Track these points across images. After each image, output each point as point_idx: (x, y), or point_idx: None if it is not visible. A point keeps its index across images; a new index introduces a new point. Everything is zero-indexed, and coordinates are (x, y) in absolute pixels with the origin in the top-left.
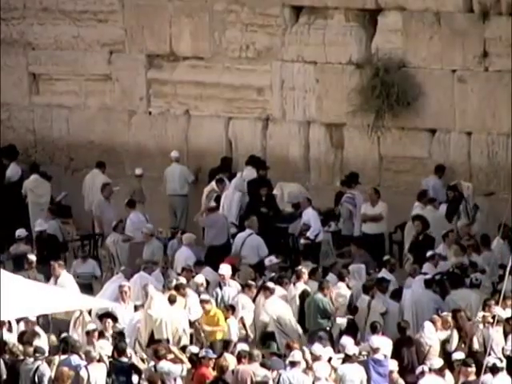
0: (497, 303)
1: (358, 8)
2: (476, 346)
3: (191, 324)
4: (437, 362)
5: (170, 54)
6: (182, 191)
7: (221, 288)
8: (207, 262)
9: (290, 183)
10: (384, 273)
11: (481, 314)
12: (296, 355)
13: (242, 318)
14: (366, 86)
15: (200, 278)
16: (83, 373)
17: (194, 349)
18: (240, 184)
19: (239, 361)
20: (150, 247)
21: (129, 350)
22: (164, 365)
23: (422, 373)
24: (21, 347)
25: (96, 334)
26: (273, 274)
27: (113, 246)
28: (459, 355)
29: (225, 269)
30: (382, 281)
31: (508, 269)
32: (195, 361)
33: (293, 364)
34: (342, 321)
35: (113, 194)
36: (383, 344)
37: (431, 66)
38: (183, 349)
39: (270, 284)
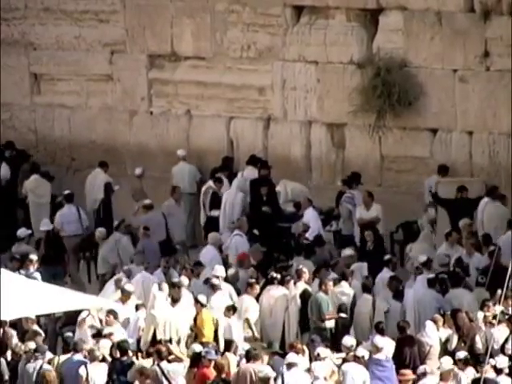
0: (498, 302)
1: (360, 8)
2: (479, 345)
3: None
4: (447, 361)
5: (172, 54)
6: (191, 189)
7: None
8: None
9: (293, 182)
10: (386, 272)
11: (481, 314)
12: (292, 357)
13: (247, 319)
14: (367, 86)
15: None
16: (82, 371)
17: (197, 347)
18: (242, 184)
19: (248, 360)
20: (103, 250)
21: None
22: (168, 364)
23: (424, 373)
24: (23, 347)
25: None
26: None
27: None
28: (462, 355)
29: (219, 270)
30: (394, 279)
31: (510, 268)
32: (197, 360)
33: (289, 365)
34: (330, 323)
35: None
36: (386, 344)
37: (432, 65)
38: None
39: (216, 281)
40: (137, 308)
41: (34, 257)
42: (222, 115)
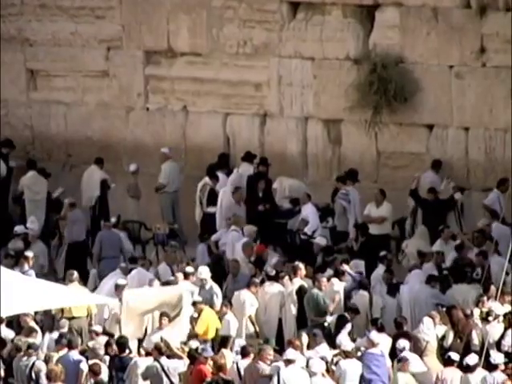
0: (495, 298)
1: (356, 4)
2: (476, 342)
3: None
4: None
5: (168, 50)
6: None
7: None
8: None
9: (291, 178)
10: (381, 269)
11: (477, 310)
12: (291, 353)
13: (250, 316)
14: (363, 82)
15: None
16: (83, 366)
17: (195, 343)
18: (238, 180)
19: (244, 356)
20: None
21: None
22: (167, 361)
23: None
24: (23, 339)
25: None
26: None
27: None
28: (455, 356)
29: (204, 272)
30: (386, 272)
31: (506, 263)
32: (194, 356)
33: (288, 362)
34: (331, 319)
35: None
36: (382, 340)
37: (428, 61)
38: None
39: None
40: None
41: (29, 254)
42: (218, 111)
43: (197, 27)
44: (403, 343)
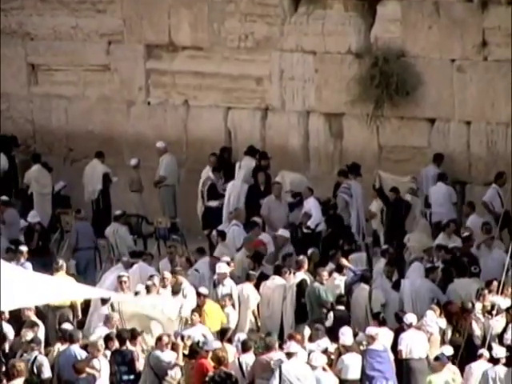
0: (497, 292)
1: None
2: (477, 333)
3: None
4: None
5: (169, 44)
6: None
7: (215, 286)
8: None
9: (292, 172)
10: (382, 262)
11: (479, 304)
12: (292, 346)
13: (253, 311)
14: (365, 76)
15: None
16: (96, 363)
17: (195, 339)
18: (247, 176)
19: (245, 351)
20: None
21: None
22: (158, 352)
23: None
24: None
25: None
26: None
27: (112, 236)
28: (448, 351)
29: (223, 267)
30: (387, 265)
31: (508, 257)
32: (196, 351)
33: (289, 355)
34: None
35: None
36: (383, 334)
37: (430, 55)
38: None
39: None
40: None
41: (23, 248)
42: (219, 105)
43: (198, 21)
44: (411, 318)
